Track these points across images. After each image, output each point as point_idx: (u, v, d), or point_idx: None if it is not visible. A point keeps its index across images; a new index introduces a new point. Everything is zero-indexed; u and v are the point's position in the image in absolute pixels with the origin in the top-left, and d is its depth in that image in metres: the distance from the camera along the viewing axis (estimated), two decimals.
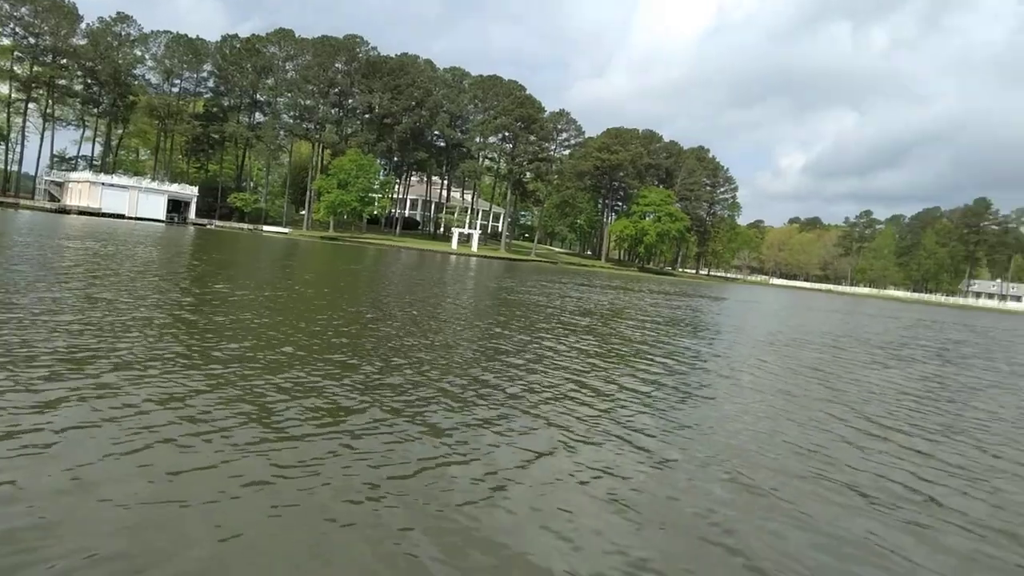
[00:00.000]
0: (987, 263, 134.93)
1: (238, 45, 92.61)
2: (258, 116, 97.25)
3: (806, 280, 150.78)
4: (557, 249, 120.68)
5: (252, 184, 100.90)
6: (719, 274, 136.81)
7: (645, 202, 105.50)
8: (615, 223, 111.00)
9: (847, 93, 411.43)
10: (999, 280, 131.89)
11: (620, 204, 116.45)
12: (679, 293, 42.59)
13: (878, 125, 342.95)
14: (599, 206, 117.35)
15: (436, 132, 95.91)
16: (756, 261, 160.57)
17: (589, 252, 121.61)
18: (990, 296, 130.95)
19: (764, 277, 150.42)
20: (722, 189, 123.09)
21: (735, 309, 31.16)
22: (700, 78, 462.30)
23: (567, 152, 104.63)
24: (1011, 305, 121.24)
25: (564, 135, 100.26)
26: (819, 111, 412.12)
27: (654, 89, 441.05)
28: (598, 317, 17.86)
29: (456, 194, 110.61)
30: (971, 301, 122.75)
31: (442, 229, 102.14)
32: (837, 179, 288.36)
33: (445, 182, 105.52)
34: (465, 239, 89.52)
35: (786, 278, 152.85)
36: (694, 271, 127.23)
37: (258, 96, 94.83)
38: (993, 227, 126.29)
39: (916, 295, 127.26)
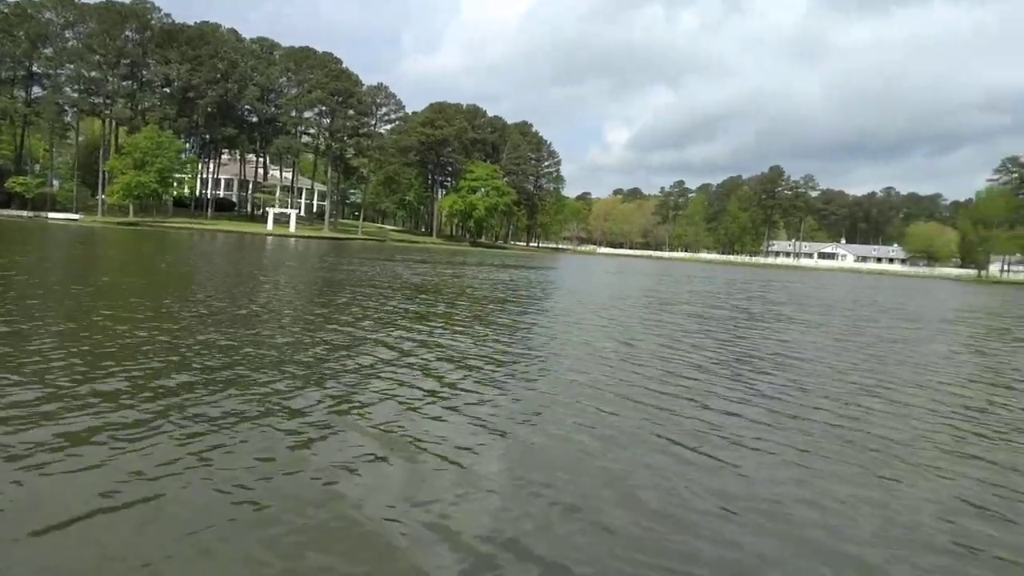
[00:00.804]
0: (783, 225, 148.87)
1: (5, 10, 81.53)
2: (36, 90, 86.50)
3: (630, 248, 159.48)
4: (388, 227, 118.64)
5: (35, 167, 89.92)
6: (550, 245, 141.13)
7: (472, 177, 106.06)
8: (444, 199, 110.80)
9: (664, 71, 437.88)
10: (793, 240, 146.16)
11: (448, 180, 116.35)
12: (502, 266, 42.99)
13: (692, 101, 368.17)
14: (428, 182, 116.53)
15: (247, 107, 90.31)
16: (584, 232, 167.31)
17: (423, 229, 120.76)
18: (787, 255, 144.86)
19: (592, 247, 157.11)
20: (547, 163, 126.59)
21: (557, 277, 31.81)
22: (527, 55, 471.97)
23: (389, 127, 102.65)
24: (803, 262, 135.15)
25: (384, 109, 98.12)
26: (640, 88, 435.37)
27: (484, 66, 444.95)
28: (425, 293, 17.23)
29: (276, 172, 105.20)
30: (770, 260, 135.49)
31: (261, 210, 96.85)
32: (658, 152, 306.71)
33: (261, 160, 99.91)
34: (283, 219, 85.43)
35: (612, 247, 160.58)
36: (525, 244, 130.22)
37: (35, 68, 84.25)
38: (786, 192, 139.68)
39: (725, 257, 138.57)
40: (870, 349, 12.19)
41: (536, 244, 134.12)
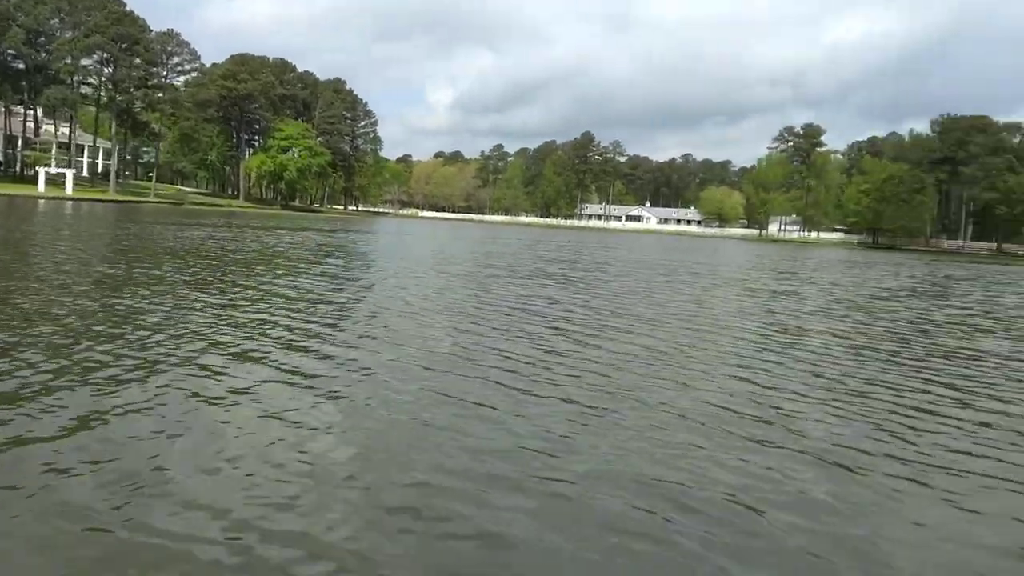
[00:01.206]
0: (595, 189, 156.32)
1: None
2: None
3: (452, 211, 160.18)
4: (189, 189, 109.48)
5: None
6: (370, 209, 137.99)
7: (282, 136, 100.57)
8: (252, 159, 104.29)
9: (487, 33, 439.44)
10: (604, 203, 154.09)
11: (256, 139, 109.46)
12: (306, 229, 41.09)
13: (513, 65, 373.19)
14: (232, 140, 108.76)
15: (10, 51, 78.69)
16: (406, 195, 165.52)
17: (230, 191, 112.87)
18: (599, 217, 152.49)
19: (414, 210, 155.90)
20: (363, 123, 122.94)
21: (361, 241, 30.73)
22: (348, 8, 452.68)
23: (183, 79, 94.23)
24: (613, 224, 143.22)
25: (176, 59, 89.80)
26: (463, 49, 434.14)
27: (300, 18, 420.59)
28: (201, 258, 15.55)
29: (51, 127, 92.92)
30: (584, 223, 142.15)
31: (32, 170, 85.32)
32: (482, 115, 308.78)
33: (32, 113, 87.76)
34: (59, 180, 75.98)
35: (434, 210, 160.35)
36: (343, 207, 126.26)
37: None
38: (597, 158, 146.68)
39: (543, 220, 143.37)
40: (595, 297, 12.93)
41: (355, 208, 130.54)
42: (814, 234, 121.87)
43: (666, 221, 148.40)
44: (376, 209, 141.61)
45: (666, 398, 5.76)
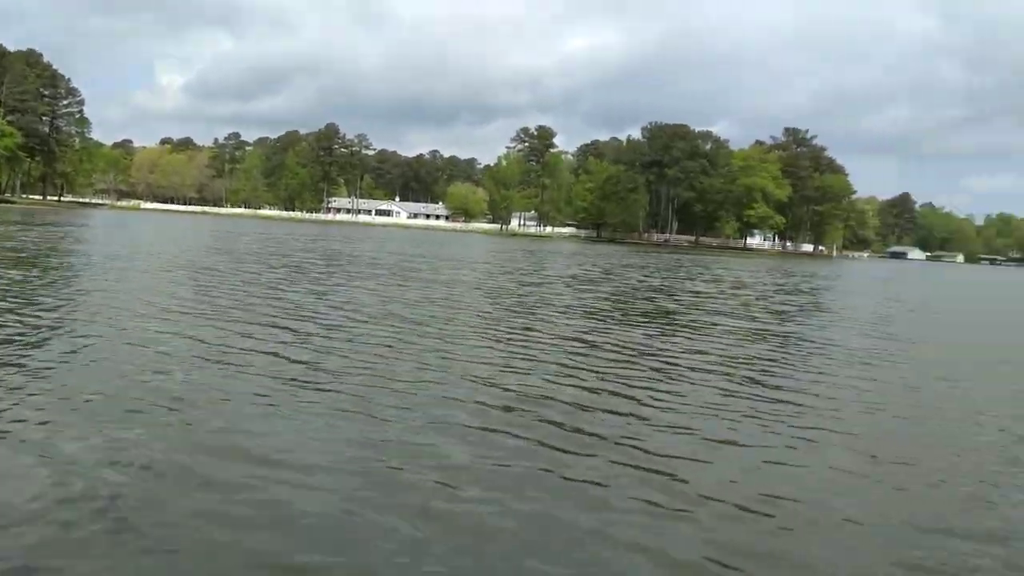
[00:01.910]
0: (344, 182, 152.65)
1: None
2: None
3: (183, 203, 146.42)
4: None
5: None
6: (79, 200, 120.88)
7: None
8: None
9: (222, 14, 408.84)
10: (353, 197, 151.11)
11: None
12: None
13: (255, 50, 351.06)
14: None
15: None
16: (126, 184, 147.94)
17: None
18: (347, 211, 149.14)
19: (135, 202, 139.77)
20: (65, 102, 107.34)
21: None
22: None
23: None
24: (362, 218, 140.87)
25: None
26: (196, 29, 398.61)
27: None
28: None
29: None
30: (331, 217, 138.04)
31: None
32: (220, 102, 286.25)
33: None
34: None
35: (161, 202, 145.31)
36: (41, 197, 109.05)
37: None
38: (343, 150, 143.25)
39: (287, 213, 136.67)
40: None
41: (58, 198, 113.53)
42: (549, 229, 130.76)
43: (416, 216, 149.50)
44: (87, 200, 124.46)
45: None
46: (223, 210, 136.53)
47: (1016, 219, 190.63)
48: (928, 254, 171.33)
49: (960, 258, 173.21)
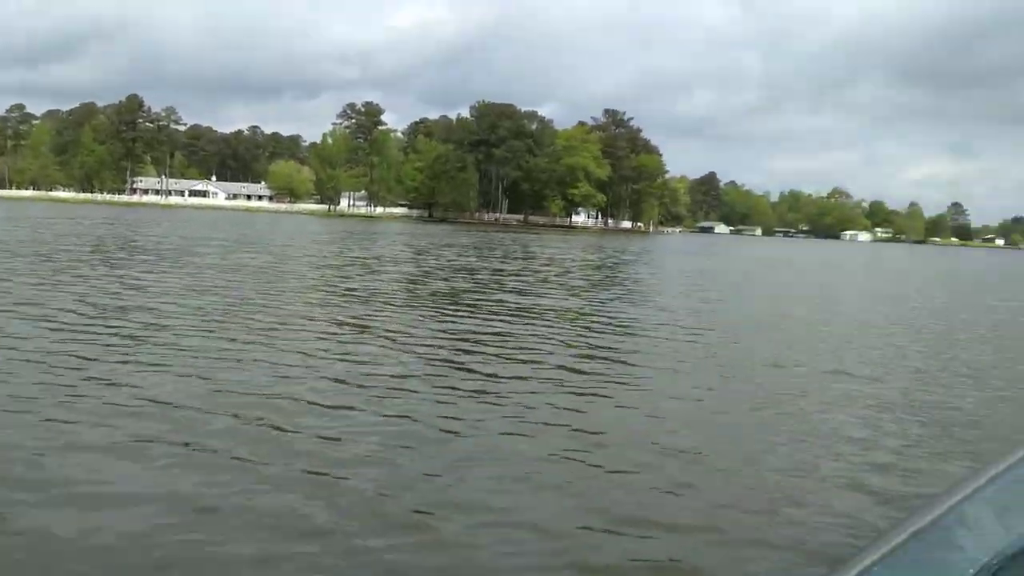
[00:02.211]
0: (152, 160, 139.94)
1: None
2: None
3: None
4: None
5: None
6: None
7: None
8: None
9: None
10: (162, 176, 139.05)
11: None
12: None
13: (42, 9, 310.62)
14: None
15: None
16: None
17: None
18: (157, 192, 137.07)
19: None
20: None
21: None
22: None
23: None
24: (173, 199, 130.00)
25: None
26: None
27: None
28: None
29: None
30: (137, 198, 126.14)
31: None
32: (2, 67, 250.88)
33: None
34: None
35: None
36: None
37: None
38: (148, 124, 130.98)
39: (84, 195, 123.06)
40: None
41: None
42: (380, 209, 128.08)
43: (235, 196, 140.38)
44: None
45: None
46: (5, 192, 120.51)
47: (804, 195, 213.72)
48: (731, 228, 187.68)
49: (759, 231, 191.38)
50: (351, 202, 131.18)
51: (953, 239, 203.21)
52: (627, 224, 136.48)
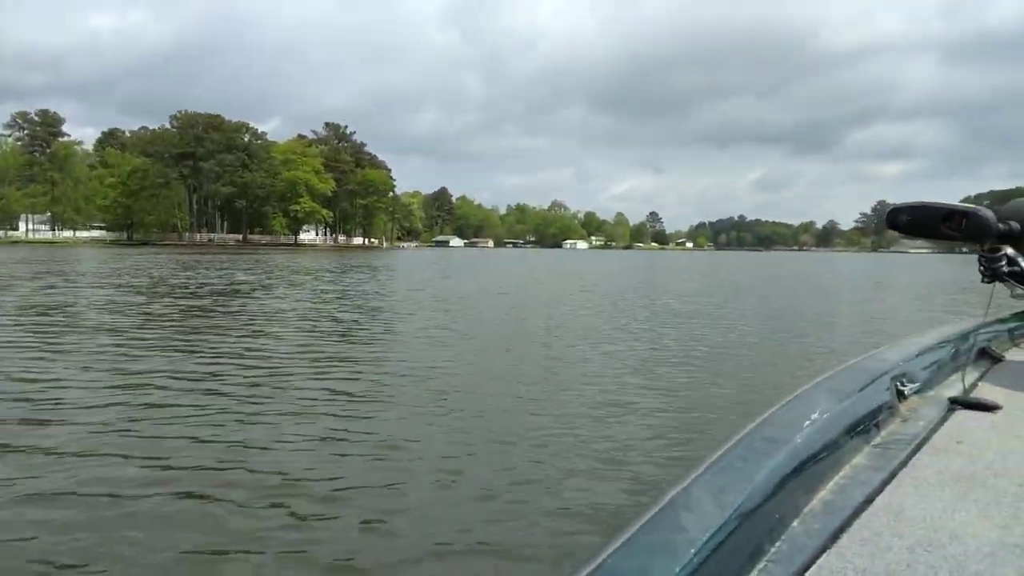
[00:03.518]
0: None
1: None
2: None
3: None
4: None
5: None
6: None
7: None
8: None
9: None
10: None
11: None
12: None
13: None
14: None
15: None
16: None
17: None
18: None
19: None
20: None
21: None
22: None
23: None
24: None
25: None
26: None
27: None
28: None
29: None
30: None
31: None
32: None
33: None
34: None
35: None
36: None
37: None
38: None
39: None
40: None
41: None
42: (68, 233, 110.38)
43: None
44: None
45: None
46: None
47: (529, 208, 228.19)
48: (465, 241, 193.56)
49: (491, 243, 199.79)
50: (30, 226, 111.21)
51: (653, 244, 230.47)
52: (360, 240, 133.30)
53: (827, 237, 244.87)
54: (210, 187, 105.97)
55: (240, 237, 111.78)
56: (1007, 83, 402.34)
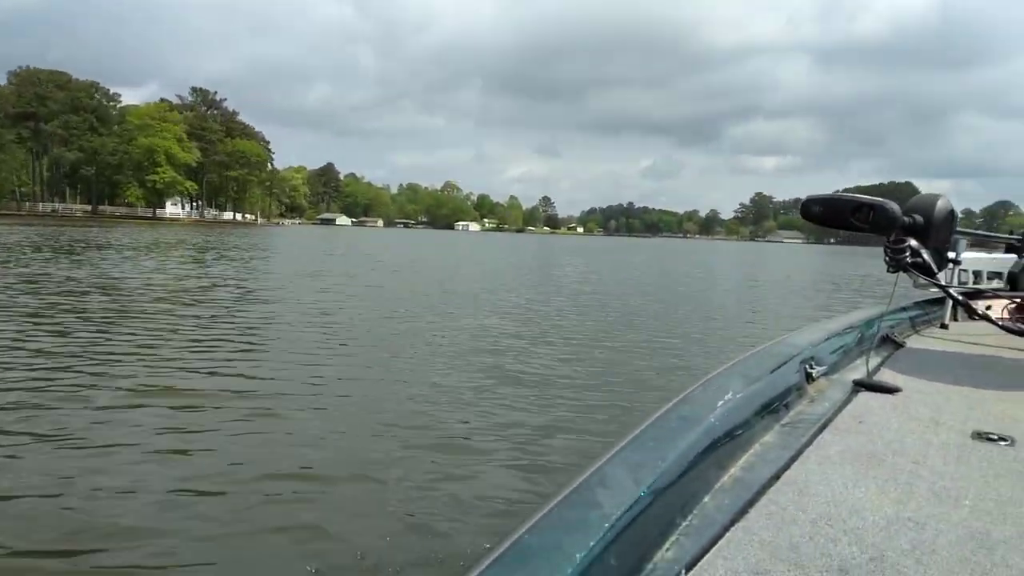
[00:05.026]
0: None
1: None
2: None
3: None
4: None
5: None
6: None
7: None
8: None
9: None
10: None
11: None
12: None
13: None
14: None
15: None
16: None
17: None
18: None
19: None
20: None
21: None
22: None
23: None
24: None
25: None
26: None
27: None
28: None
29: None
30: None
31: None
32: None
33: None
34: None
35: None
36: None
37: None
38: None
39: None
40: None
41: None
42: None
43: None
44: None
45: None
46: None
47: (422, 188, 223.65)
48: (353, 220, 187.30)
49: (380, 223, 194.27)
50: None
51: (545, 228, 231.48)
52: (230, 215, 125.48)
53: (709, 226, 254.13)
54: (54, 151, 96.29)
55: (90, 208, 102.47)
56: (872, 88, 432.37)
